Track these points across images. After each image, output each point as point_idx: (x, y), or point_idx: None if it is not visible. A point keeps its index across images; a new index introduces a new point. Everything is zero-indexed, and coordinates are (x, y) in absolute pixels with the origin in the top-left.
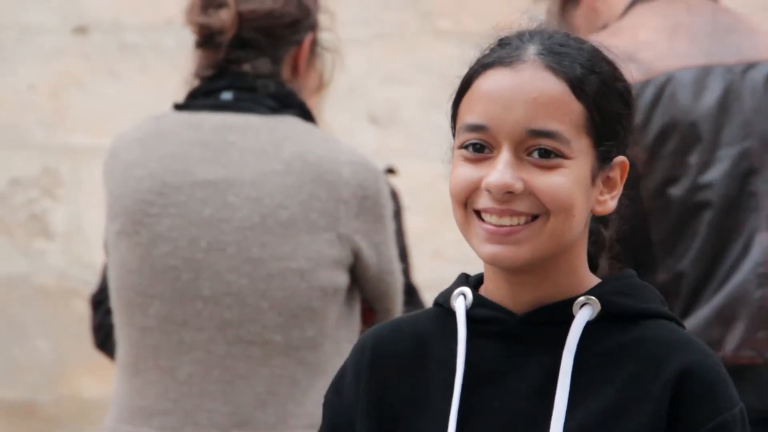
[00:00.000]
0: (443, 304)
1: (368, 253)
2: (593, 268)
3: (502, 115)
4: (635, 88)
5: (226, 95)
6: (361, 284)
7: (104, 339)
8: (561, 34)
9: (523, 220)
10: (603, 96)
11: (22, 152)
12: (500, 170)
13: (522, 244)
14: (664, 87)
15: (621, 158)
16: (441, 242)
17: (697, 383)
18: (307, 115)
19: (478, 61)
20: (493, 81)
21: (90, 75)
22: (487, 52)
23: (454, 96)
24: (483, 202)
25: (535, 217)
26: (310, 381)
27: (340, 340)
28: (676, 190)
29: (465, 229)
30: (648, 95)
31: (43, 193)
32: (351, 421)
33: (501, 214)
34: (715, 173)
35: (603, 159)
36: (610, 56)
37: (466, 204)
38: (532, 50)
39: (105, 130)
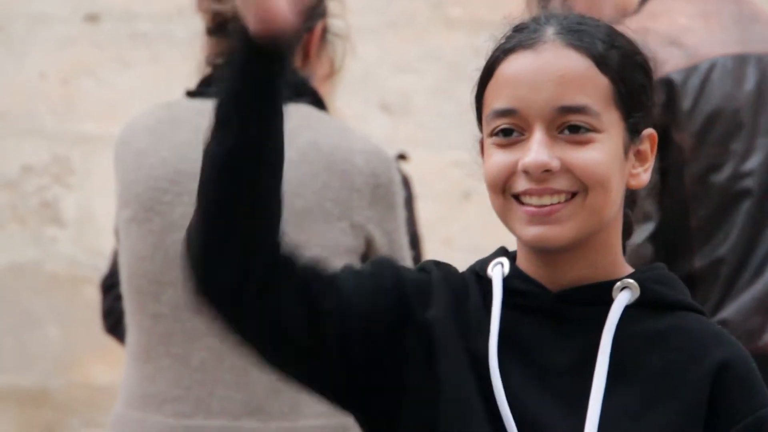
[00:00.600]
0: (479, 271)
1: (381, 242)
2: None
3: (530, 97)
4: (681, 74)
5: None
6: None
7: (114, 323)
8: (574, 14)
9: (563, 197)
10: (626, 68)
11: (33, 140)
12: (535, 150)
13: (564, 223)
14: (709, 73)
15: (650, 130)
16: (451, 230)
17: (737, 376)
18: (319, 103)
19: (498, 47)
20: (516, 65)
21: (101, 63)
22: (503, 39)
23: (476, 87)
24: (521, 185)
25: (573, 195)
26: None
27: None
28: (719, 177)
29: (504, 216)
30: (694, 81)
31: (54, 180)
32: (401, 294)
33: (541, 193)
34: (755, 161)
35: (633, 132)
36: (626, 31)
37: (504, 190)
38: (550, 31)
39: (116, 119)
